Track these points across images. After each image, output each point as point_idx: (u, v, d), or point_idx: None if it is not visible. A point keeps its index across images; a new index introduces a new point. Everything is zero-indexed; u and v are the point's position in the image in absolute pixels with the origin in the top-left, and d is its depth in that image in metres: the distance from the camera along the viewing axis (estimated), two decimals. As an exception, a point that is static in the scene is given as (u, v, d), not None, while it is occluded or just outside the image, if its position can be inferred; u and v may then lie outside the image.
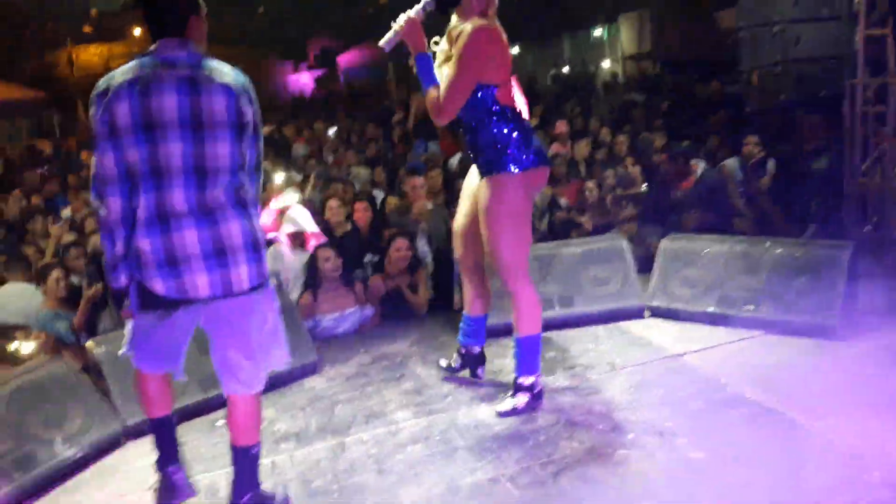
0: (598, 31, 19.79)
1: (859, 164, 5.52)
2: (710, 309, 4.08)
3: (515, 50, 18.75)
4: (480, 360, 3.64)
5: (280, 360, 2.65)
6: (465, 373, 3.66)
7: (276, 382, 3.77)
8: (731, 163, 5.95)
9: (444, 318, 4.66)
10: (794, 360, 3.57)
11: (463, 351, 3.63)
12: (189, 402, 3.56)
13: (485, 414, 3.35)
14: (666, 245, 4.34)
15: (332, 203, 5.78)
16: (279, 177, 6.29)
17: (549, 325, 4.15)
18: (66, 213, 7.06)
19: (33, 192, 8.23)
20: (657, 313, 4.25)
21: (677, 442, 2.95)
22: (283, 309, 3.80)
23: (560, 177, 6.84)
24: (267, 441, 3.24)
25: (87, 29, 25.38)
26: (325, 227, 5.59)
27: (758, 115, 6.34)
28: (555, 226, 6.01)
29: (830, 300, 3.77)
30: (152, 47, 2.44)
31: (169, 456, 2.73)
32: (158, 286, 2.40)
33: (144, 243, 2.37)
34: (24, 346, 4.02)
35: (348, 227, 5.77)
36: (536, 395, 3.30)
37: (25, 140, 16.60)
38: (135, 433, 3.44)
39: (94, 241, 5.40)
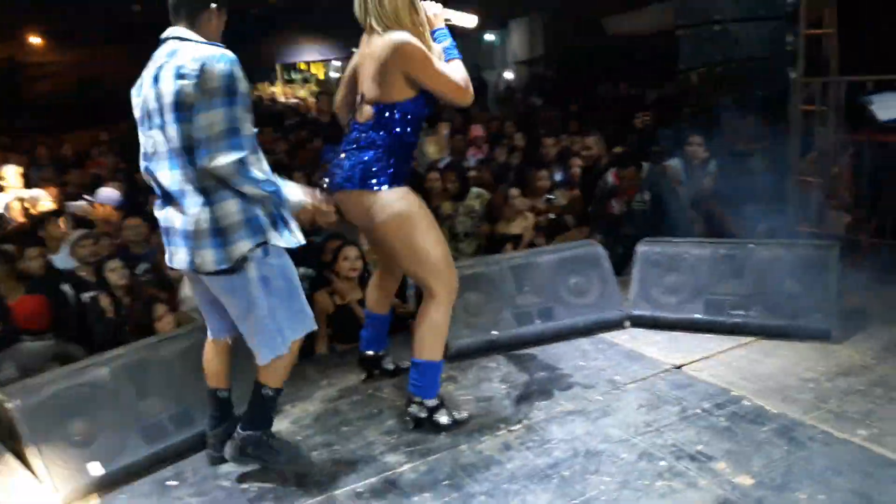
0: (489, 37, 19.80)
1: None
2: (698, 316, 3.86)
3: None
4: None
5: (279, 347, 2.65)
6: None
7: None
8: (675, 163, 5.84)
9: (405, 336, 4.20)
10: (799, 367, 3.40)
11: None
12: (130, 459, 2.95)
13: (490, 448, 2.95)
14: (643, 250, 4.10)
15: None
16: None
17: (530, 341, 3.84)
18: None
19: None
20: (639, 322, 3.99)
21: (717, 467, 2.67)
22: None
23: (488, 183, 6.55)
24: (241, 501, 2.71)
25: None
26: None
27: (694, 116, 6.29)
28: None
29: (824, 302, 3.64)
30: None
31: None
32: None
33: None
34: None
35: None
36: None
37: None
38: (66, 506, 2.79)
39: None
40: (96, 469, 2.85)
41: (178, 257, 2.59)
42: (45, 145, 11.15)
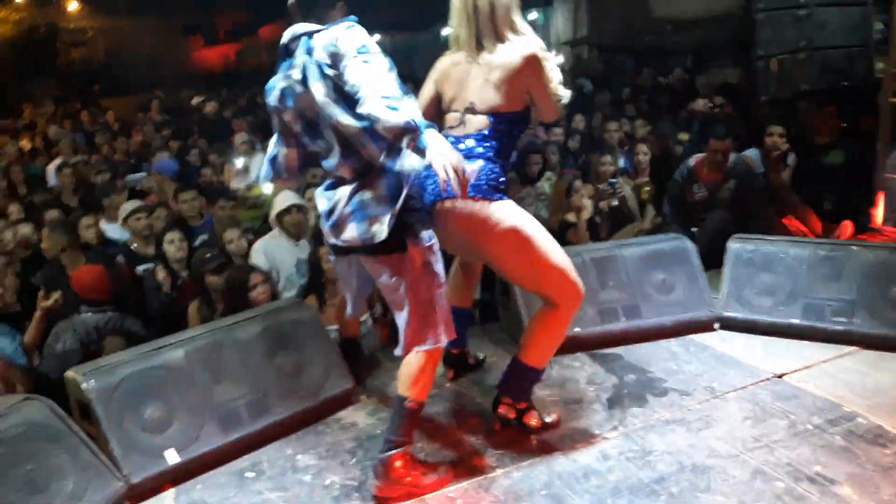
0: (533, 15, 19.38)
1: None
2: (795, 321, 3.62)
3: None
4: None
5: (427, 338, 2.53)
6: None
7: (307, 416, 3.07)
8: (753, 154, 5.55)
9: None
10: (913, 382, 3.16)
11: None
12: (206, 448, 2.80)
13: (587, 457, 2.76)
14: (736, 247, 3.85)
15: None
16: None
17: (614, 340, 3.63)
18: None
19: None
20: (730, 325, 3.76)
21: (841, 492, 2.46)
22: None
23: (554, 166, 6.30)
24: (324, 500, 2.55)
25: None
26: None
27: (773, 105, 5.98)
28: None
29: (936, 312, 3.39)
30: None
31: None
32: None
33: None
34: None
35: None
36: None
37: None
38: (140, 495, 2.65)
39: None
40: (173, 457, 2.71)
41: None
42: (89, 112, 11.07)
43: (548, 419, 2.95)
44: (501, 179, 2.70)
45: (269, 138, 2.70)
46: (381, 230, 2.41)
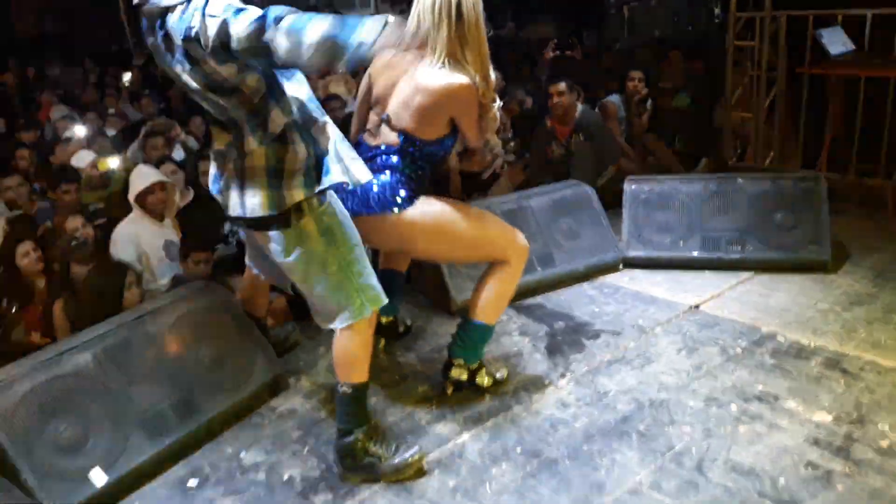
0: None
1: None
2: (695, 254, 3.81)
3: None
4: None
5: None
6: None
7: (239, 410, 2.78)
8: (614, 100, 5.76)
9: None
10: (810, 299, 3.42)
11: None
12: (136, 460, 2.45)
13: (547, 407, 2.73)
14: (632, 189, 3.97)
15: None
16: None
17: (532, 290, 3.63)
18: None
19: None
20: (634, 263, 3.89)
21: (788, 406, 2.62)
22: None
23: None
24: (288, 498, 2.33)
25: None
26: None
27: (625, 52, 6.23)
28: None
29: (818, 234, 3.69)
30: None
31: None
32: None
33: None
34: None
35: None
36: None
37: None
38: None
39: None
40: (100, 477, 2.34)
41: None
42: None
43: (498, 375, 2.89)
44: (396, 191, 2.56)
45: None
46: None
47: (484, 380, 2.84)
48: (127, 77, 9.57)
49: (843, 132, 4.88)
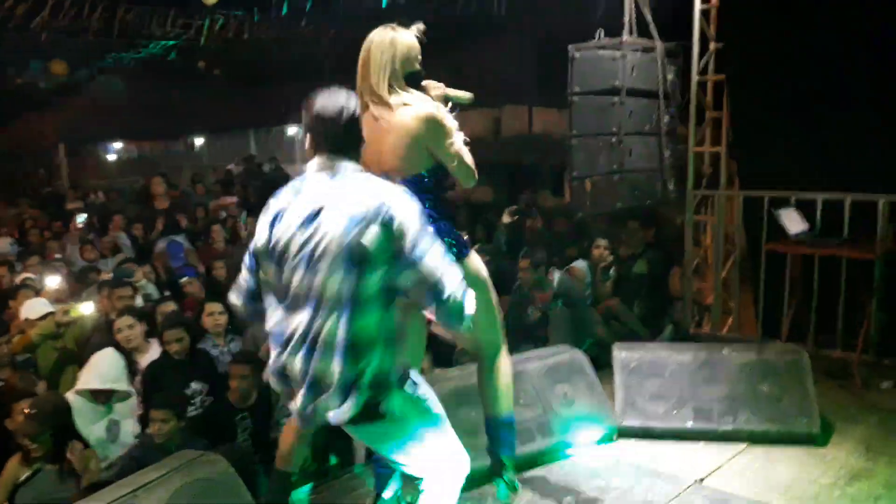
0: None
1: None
2: (690, 424, 3.80)
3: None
4: None
5: None
6: None
7: None
8: (581, 265, 5.93)
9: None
10: (810, 474, 3.42)
11: None
12: None
13: None
14: (622, 356, 3.99)
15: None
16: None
17: (533, 461, 3.51)
18: None
19: None
20: (628, 433, 3.83)
21: None
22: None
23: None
24: None
25: None
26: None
27: (587, 222, 6.51)
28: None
29: (805, 406, 3.75)
30: None
31: None
32: None
33: None
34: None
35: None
36: None
37: None
38: None
39: None
40: None
41: None
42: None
43: None
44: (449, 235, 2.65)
45: None
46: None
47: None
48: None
49: (801, 302, 5.12)
